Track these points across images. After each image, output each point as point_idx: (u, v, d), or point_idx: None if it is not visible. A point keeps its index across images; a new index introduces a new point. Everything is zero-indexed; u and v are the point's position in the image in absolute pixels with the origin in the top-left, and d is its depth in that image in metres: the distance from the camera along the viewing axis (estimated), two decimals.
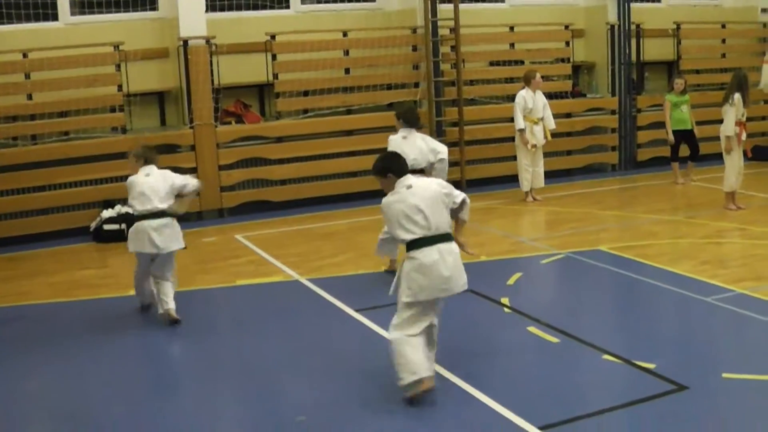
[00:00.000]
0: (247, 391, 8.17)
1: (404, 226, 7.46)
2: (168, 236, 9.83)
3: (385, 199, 7.65)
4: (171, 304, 9.80)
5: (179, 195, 10.16)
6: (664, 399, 7.50)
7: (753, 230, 13.25)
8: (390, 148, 10.74)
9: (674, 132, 17.38)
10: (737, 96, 14.39)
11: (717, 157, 15.15)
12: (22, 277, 12.59)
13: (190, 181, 10.40)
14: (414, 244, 7.46)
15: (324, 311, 10.32)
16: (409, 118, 11.43)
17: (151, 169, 10.10)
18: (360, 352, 8.93)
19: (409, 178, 7.67)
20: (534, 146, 15.97)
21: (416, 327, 7.58)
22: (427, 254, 7.43)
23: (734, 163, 14.57)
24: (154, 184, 9.91)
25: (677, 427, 7.00)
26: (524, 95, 15.98)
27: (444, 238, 7.56)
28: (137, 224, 9.87)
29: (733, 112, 14.36)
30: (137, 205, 9.87)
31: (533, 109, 16.00)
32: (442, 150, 11.19)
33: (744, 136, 14.56)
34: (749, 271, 11.14)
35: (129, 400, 8.02)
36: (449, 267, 7.49)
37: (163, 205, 9.83)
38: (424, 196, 7.52)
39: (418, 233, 7.44)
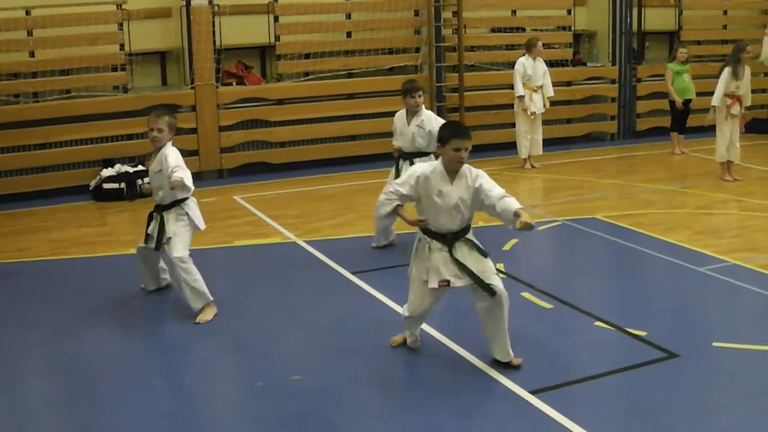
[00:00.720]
0: (242, 350, 8.28)
1: None
2: None
3: None
4: None
5: None
6: (654, 366, 7.60)
7: (749, 202, 13.33)
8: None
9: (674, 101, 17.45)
10: (726, 70, 14.48)
11: (710, 129, 15.21)
12: (21, 233, 12.66)
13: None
14: None
15: (320, 273, 10.39)
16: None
17: None
18: (355, 313, 9.01)
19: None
20: (533, 114, 16.02)
21: None
22: None
23: (723, 134, 14.66)
24: None
25: (667, 393, 7.09)
26: (524, 62, 16.03)
27: None
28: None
29: (722, 85, 14.46)
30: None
31: (533, 77, 16.05)
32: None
33: (736, 110, 14.58)
34: (743, 243, 11.23)
35: (125, 355, 8.12)
36: None
37: None
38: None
39: None
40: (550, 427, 6.51)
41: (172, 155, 8.80)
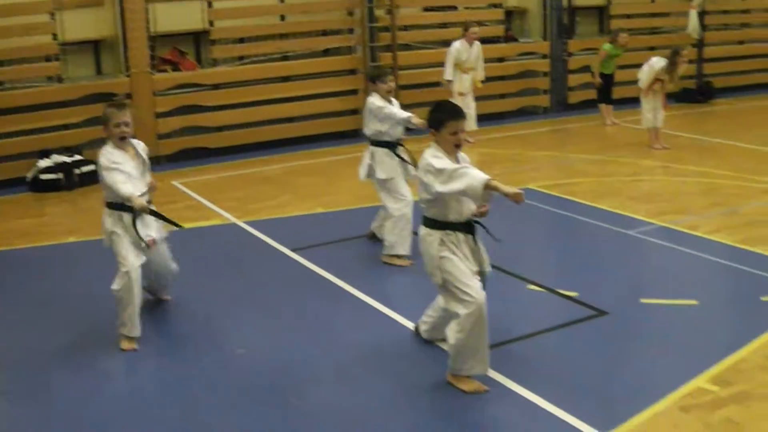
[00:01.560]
0: (186, 328, 8.47)
1: None
2: None
3: None
4: None
5: None
6: (585, 323, 7.94)
7: (676, 168, 13.68)
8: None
9: (604, 75, 17.77)
10: (662, 67, 14.89)
11: (635, 100, 15.57)
12: None
13: None
14: None
15: (262, 251, 10.57)
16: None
17: None
18: (296, 286, 9.25)
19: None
20: (461, 94, 16.23)
21: None
22: None
23: (648, 101, 15.05)
24: None
25: (597, 347, 7.42)
26: (458, 47, 16.24)
27: None
28: None
29: (652, 74, 14.90)
30: None
31: (467, 61, 16.29)
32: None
33: (658, 86, 15.02)
34: (671, 206, 11.60)
35: (64, 344, 8.16)
36: None
37: None
38: None
39: None
40: (487, 384, 6.76)
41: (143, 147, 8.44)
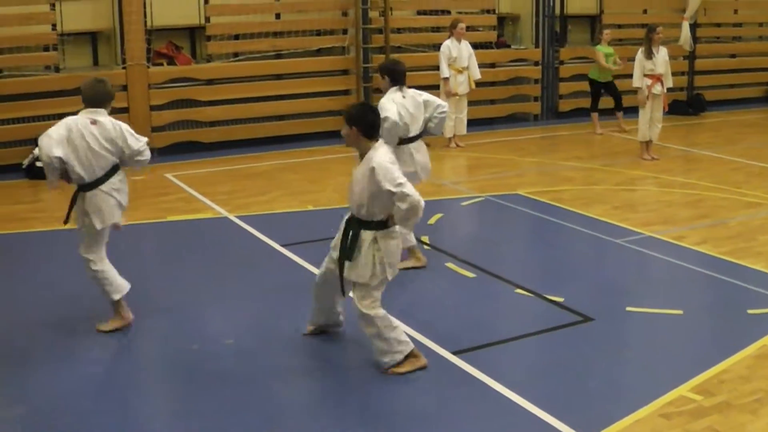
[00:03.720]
0: (176, 318, 8.55)
1: None
2: None
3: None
4: None
5: None
6: (570, 329, 8.09)
7: (665, 178, 13.84)
8: (390, 113, 9.60)
9: (596, 83, 17.94)
10: (639, 51, 15.07)
11: (635, 110, 15.67)
12: None
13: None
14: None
15: (251, 245, 10.70)
16: (398, 75, 10.05)
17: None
18: (286, 282, 9.36)
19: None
20: (456, 95, 16.37)
21: None
22: None
23: (645, 113, 15.17)
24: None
25: (580, 352, 7.57)
26: (449, 45, 16.39)
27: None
28: None
29: (637, 65, 15.06)
30: None
31: (458, 58, 16.41)
32: (443, 103, 10.26)
33: (657, 89, 15.10)
34: (658, 216, 11.74)
35: (54, 330, 8.26)
36: None
37: None
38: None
39: None
40: (471, 384, 6.95)
41: None
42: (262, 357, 7.58)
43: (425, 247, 10.37)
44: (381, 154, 7.00)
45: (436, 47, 16.98)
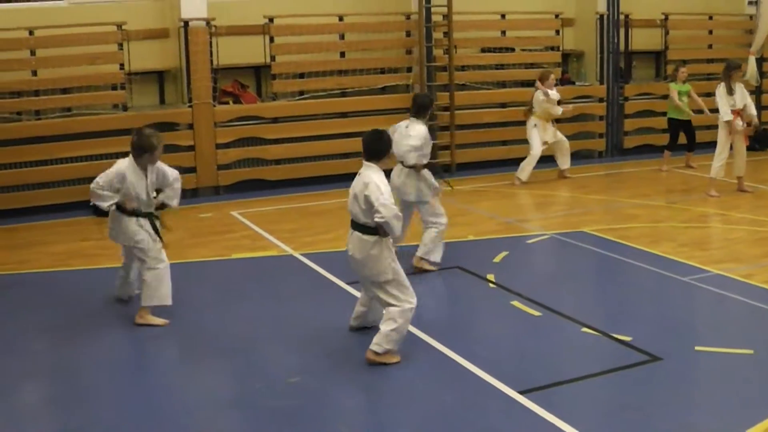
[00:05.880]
0: (241, 355, 8.58)
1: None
2: None
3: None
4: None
5: None
6: (638, 368, 7.97)
7: (732, 215, 13.68)
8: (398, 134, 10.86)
9: (673, 121, 17.82)
10: (720, 86, 14.90)
11: (702, 146, 15.55)
12: (21, 246, 12.93)
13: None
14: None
15: (317, 283, 10.72)
16: (416, 107, 11.07)
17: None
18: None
19: (364, 164, 8.36)
20: (545, 143, 16.57)
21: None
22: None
23: (724, 150, 14.95)
24: None
25: (648, 393, 7.45)
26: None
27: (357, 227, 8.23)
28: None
29: (723, 100, 14.88)
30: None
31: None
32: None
33: (739, 124, 14.95)
34: (726, 254, 11.59)
35: (119, 367, 8.41)
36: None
37: None
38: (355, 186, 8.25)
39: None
40: (538, 425, 6.87)
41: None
42: (327, 395, 7.58)
43: (491, 285, 10.34)
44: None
45: (500, 84, 17.02)
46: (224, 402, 7.66)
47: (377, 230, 8.00)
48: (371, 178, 8.04)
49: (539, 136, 16.62)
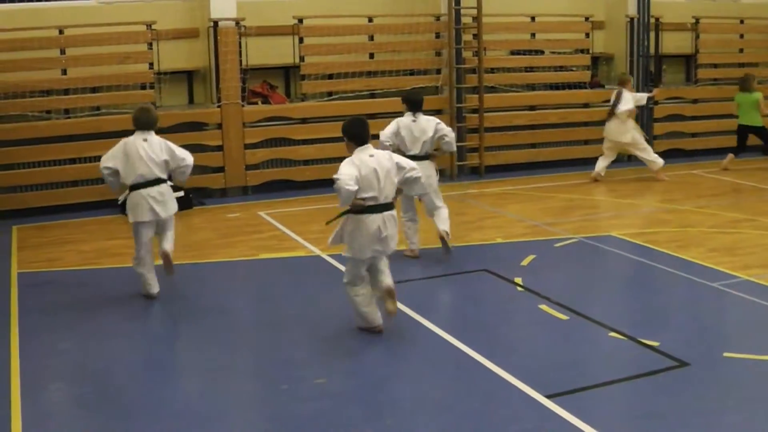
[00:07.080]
0: (265, 356, 8.63)
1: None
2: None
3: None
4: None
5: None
6: (665, 374, 7.91)
7: (763, 221, 13.58)
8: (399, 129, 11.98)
9: (743, 127, 17.88)
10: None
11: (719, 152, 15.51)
12: (51, 245, 13.02)
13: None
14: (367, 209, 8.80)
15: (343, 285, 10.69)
16: (411, 102, 12.05)
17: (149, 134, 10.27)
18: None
19: (370, 148, 9.09)
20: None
21: (361, 281, 8.90)
22: (374, 220, 8.76)
23: None
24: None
25: (675, 398, 7.41)
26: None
27: (388, 207, 8.86)
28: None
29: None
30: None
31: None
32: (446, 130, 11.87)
33: None
34: (756, 259, 11.49)
35: (150, 364, 8.48)
36: (389, 230, 8.79)
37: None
38: (381, 166, 8.93)
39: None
40: (565, 429, 6.82)
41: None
42: (353, 397, 7.57)
43: (518, 288, 10.31)
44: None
45: (530, 87, 16.95)
46: (252, 403, 7.67)
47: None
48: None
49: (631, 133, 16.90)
